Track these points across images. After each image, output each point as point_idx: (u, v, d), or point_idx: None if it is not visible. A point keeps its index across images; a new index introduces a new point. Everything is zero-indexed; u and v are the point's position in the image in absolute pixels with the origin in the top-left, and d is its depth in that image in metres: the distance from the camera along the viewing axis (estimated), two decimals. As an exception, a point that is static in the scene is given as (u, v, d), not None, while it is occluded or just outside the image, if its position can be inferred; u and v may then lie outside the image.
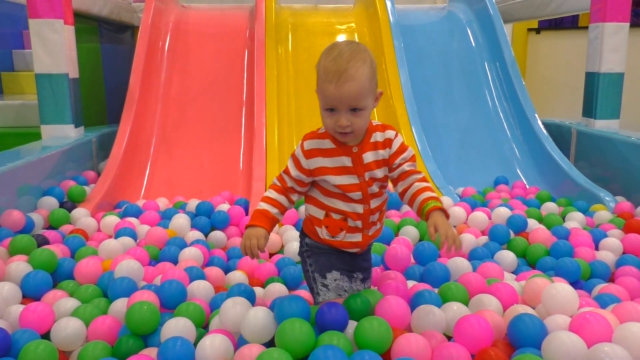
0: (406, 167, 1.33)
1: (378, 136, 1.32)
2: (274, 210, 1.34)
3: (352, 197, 1.32)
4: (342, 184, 1.31)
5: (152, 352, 1.24)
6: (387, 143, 1.33)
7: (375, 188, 1.33)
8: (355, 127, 1.24)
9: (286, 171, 1.36)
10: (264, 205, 1.34)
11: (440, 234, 1.21)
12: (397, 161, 1.32)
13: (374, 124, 1.34)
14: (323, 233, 1.36)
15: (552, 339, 1.12)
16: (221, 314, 1.31)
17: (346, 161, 1.30)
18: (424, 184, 1.32)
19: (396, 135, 1.34)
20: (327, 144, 1.31)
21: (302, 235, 1.43)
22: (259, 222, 1.31)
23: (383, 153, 1.32)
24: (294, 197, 1.37)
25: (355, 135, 1.27)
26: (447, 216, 1.26)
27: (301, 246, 1.44)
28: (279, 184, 1.36)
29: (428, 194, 1.29)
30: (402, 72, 3.13)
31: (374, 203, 1.34)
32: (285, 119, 3.05)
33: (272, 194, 1.36)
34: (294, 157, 1.34)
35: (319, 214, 1.36)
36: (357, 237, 1.36)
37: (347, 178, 1.31)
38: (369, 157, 1.31)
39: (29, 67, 4.26)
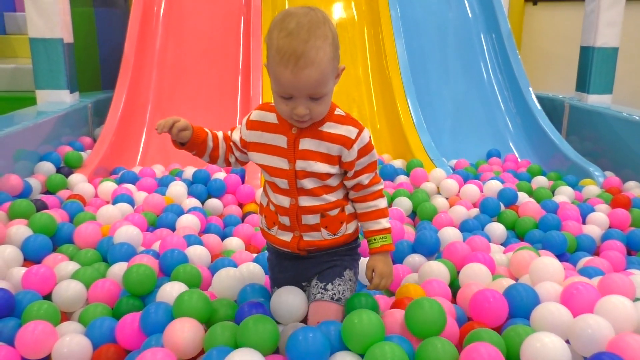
0: (366, 179, 1.16)
1: (332, 127, 1.13)
2: (209, 134, 1.22)
3: (279, 185, 1.16)
4: (269, 165, 1.15)
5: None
6: (345, 142, 1.12)
7: (307, 184, 1.14)
8: (315, 114, 1.08)
9: (233, 128, 1.25)
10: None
11: (374, 279, 1.18)
12: (355, 169, 1.15)
13: (335, 114, 1.14)
14: (262, 222, 1.24)
15: (540, 310, 1.17)
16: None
17: (281, 141, 1.14)
18: (375, 206, 1.18)
19: (358, 135, 1.13)
20: (271, 117, 1.16)
21: None
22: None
23: (333, 148, 1.12)
24: (231, 159, 1.25)
25: (313, 121, 1.11)
26: (391, 251, 1.21)
27: None
28: (228, 132, 1.25)
29: (376, 224, 1.19)
30: (399, 43, 3.12)
31: (304, 201, 1.15)
32: (281, 87, 3.05)
33: (218, 132, 1.25)
34: (241, 121, 1.22)
35: (264, 200, 1.23)
36: (287, 237, 1.20)
37: (277, 160, 1.15)
38: (307, 144, 1.13)
39: (21, 30, 4.21)
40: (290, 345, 1.06)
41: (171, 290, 1.30)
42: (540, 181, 2.45)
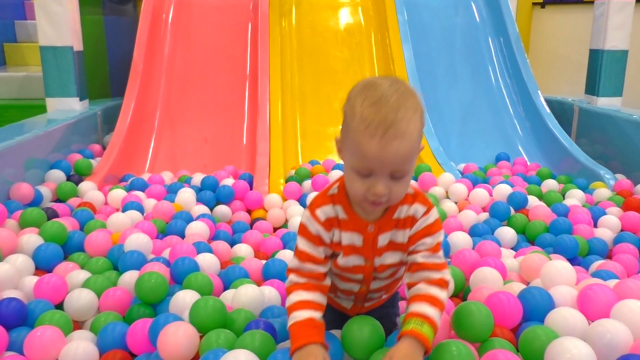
0: (419, 258, 1.02)
1: (403, 211, 1.02)
2: (317, 315, 0.99)
3: (350, 278, 1.07)
4: (346, 266, 1.05)
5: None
6: (410, 222, 1.02)
7: (384, 274, 1.07)
8: (394, 196, 0.94)
9: (308, 258, 1.02)
10: (302, 314, 0.98)
11: None
12: (413, 247, 1.03)
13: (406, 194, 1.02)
14: None
15: (554, 314, 1.17)
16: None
17: (356, 239, 1.02)
18: (429, 292, 0.99)
19: (425, 214, 1.02)
20: (340, 212, 1.02)
21: None
22: (309, 338, 0.96)
23: (402, 235, 1.03)
24: (328, 282, 1.05)
25: (390, 204, 0.99)
26: (428, 348, 0.95)
27: None
28: (303, 280, 1.02)
29: (421, 307, 0.97)
30: (406, 48, 3.12)
31: (375, 284, 1.09)
32: (288, 93, 3.06)
33: (302, 295, 1.00)
34: (311, 237, 1.02)
35: None
36: (347, 304, 1.15)
37: (353, 259, 1.04)
38: (384, 239, 1.03)
39: (31, 38, 4.24)
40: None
41: (184, 298, 1.31)
42: (550, 184, 2.43)
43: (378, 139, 0.88)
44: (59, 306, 1.37)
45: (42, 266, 1.56)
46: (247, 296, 1.32)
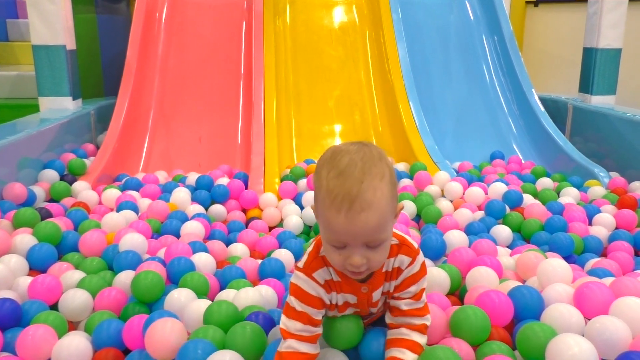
0: (403, 305, 1.04)
1: (391, 264, 1.02)
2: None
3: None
4: (342, 314, 1.09)
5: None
6: (396, 274, 1.03)
7: (380, 312, 1.12)
8: (373, 263, 0.94)
9: (309, 321, 1.00)
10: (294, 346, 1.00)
11: None
12: (398, 294, 1.05)
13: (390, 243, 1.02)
14: None
15: (550, 311, 1.16)
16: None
17: (350, 298, 1.04)
18: (407, 335, 1.03)
19: (410, 264, 1.03)
20: (334, 274, 1.02)
21: None
22: None
23: (389, 285, 1.04)
24: (318, 347, 1.05)
25: (371, 271, 0.98)
26: None
27: None
28: (303, 348, 1.00)
29: (402, 353, 1.01)
30: (401, 46, 3.12)
31: (372, 311, 1.12)
32: (283, 92, 3.05)
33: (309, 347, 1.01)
34: (312, 300, 1.00)
35: None
36: None
37: (349, 310, 1.08)
38: (378, 293, 1.04)
39: (23, 37, 4.22)
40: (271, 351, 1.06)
41: (179, 297, 1.30)
42: (545, 183, 2.44)
43: (344, 213, 0.86)
44: (54, 307, 1.36)
45: (36, 266, 1.55)
46: (247, 300, 1.31)
